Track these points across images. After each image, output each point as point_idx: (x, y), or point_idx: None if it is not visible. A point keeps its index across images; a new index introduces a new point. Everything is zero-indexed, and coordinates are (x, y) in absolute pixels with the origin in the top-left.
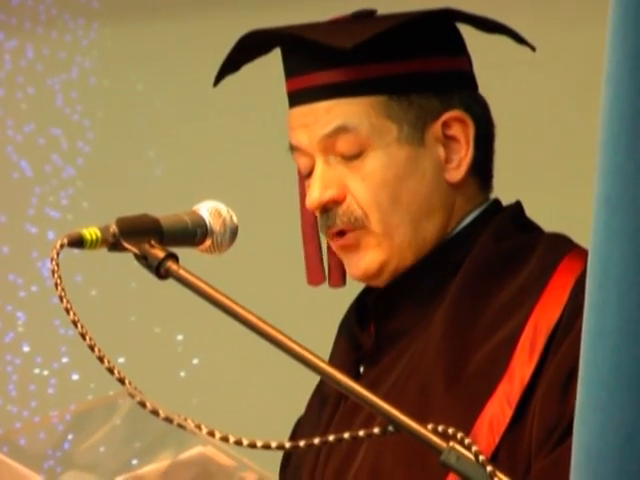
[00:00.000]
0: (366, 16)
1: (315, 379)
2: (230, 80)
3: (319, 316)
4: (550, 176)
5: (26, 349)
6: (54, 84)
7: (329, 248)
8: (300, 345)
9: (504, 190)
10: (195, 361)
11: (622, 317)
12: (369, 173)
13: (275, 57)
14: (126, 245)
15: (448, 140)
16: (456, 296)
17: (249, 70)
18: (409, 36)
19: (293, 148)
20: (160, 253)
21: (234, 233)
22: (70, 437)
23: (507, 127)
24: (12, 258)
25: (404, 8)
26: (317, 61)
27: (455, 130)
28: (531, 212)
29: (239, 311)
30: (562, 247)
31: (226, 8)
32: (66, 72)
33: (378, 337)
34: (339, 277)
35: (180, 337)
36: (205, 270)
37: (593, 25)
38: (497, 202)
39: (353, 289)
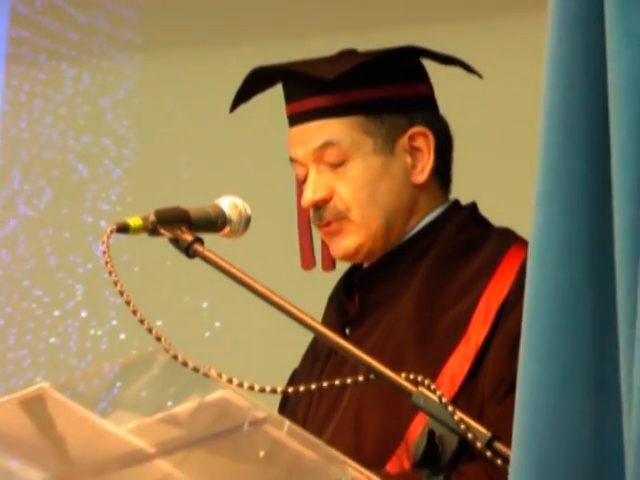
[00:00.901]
0: (348, 53)
1: (308, 337)
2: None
3: (311, 292)
4: (498, 180)
5: (83, 314)
6: (105, 103)
7: (323, 241)
8: (299, 309)
9: (462, 192)
10: (217, 324)
11: (557, 290)
12: (351, 177)
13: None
14: (162, 231)
15: (413, 150)
16: (425, 275)
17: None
18: (380, 68)
19: (292, 160)
20: (189, 237)
21: (248, 222)
22: (118, 384)
23: (462, 137)
24: (72, 242)
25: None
26: (307, 89)
27: (419, 142)
28: (483, 210)
29: (251, 283)
30: (509, 238)
31: (239, 42)
32: (114, 94)
33: (361, 306)
34: (330, 263)
35: (205, 305)
36: (223, 252)
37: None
38: (457, 202)
39: (335, 274)
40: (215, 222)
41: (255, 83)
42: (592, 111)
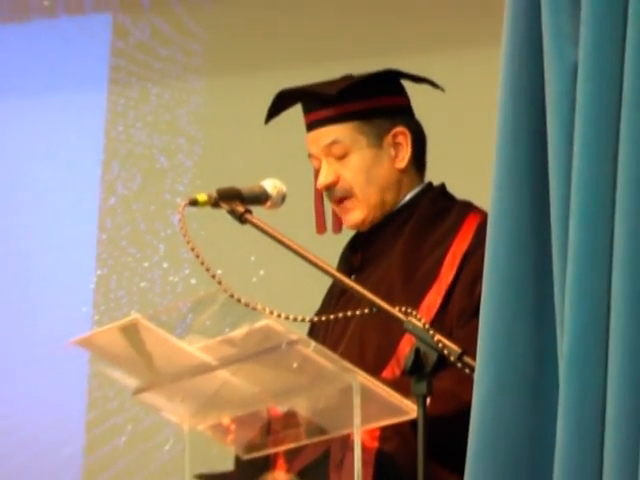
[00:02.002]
0: (346, 77)
1: (327, 282)
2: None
3: (326, 249)
4: (462, 168)
5: (165, 265)
6: (180, 113)
7: (333, 211)
8: (320, 260)
9: (434, 177)
10: (261, 272)
11: (508, 249)
12: (352, 166)
13: None
14: (221, 204)
15: (396, 144)
16: (408, 236)
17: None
18: (369, 86)
19: (309, 155)
20: (241, 209)
21: (283, 198)
22: (190, 316)
23: (433, 136)
24: (157, 214)
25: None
26: (317, 104)
27: (400, 139)
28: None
29: (286, 241)
30: (469, 207)
31: (272, 66)
32: (187, 106)
33: (362, 259)
34: (338, 228)
35: (252, 258)
36: (266, 220)
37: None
38: (430, 183)
39: (341, 237)
40: (260, 198)
41: (281, 101)
42: (533, 122)
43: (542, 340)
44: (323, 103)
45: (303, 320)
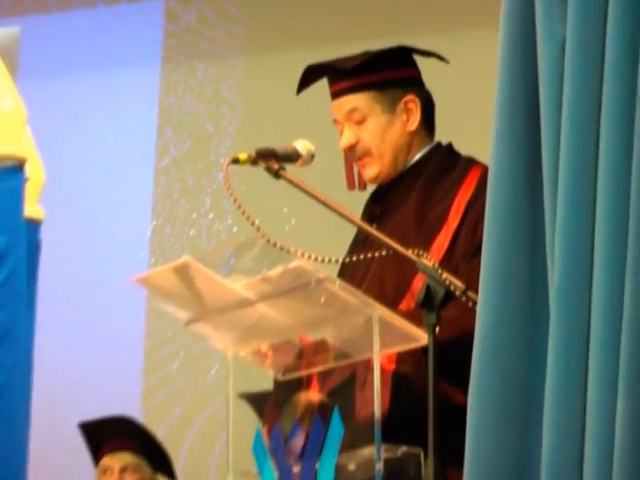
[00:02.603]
0: (365, 53)
1: (352, 231)
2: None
3: (352, 203)
4: (467, 129)
5: (210, 216)
6: (223, 86)
7: (359, 171)
8: (346, 211)
9: (443, 137)
10: (293, 221)
11: (508, 192)
12: (368, 130)
13: None
14: (259, 162)
15: (408, 110)
16: (420, 188)
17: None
18: (384, 60)
19: (334, 121)
20: (276, 166)
21: (312, 157)
22: (233, 258)
23: (444, 102)
24: (204, 172)
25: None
26: (338, 76)
27: (411, 105)
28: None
29: (315, 194)
30: (472, 162)
31: (304, 44)
32: (229, 80)
33: (381, 210)
34: (363, 186)
35: (285, 209)
36: (299, 176)
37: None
38: (439, 143)
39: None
40: (292, 156)
41: (309, 75)
42: (528, 90)
43: (535, 274)
44: (343, 76)
45: (330, 261)
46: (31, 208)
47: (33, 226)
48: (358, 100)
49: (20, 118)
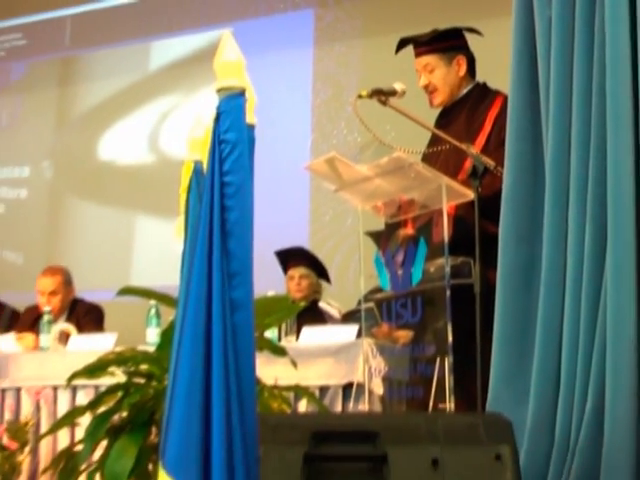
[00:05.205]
0: (434, 31)
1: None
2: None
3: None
4: (494, 75)
5: (344, 131)
6: (356, 60)
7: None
8: (426, 122)
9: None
10: (392, 134)
11: (519, 111)
12: (435, 76)
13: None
14: (373, 96)
15: (459, 64)
16: (466, 109)
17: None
18: (445, 35)
19: (416, 70)
20: (383, 98)
21: (404, 92)
22: (359, 153)
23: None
24: (341, 108)
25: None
26: (418, 44)
27: (460, 61)
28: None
29: (408, 113)
30: (498, 92)
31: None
32: (355, 55)
33: (446, 122)
34: (435, 106)
35: (388, 127)
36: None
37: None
38: (478, 82)
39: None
40: (392, 92)
41: (402, 44)
42: (533, 58)
43: (538, 156)
44: (421, 44)
45: (416, 152)
46: (249, 117)
47: (250, 128)
48: (430, 59)
49: (240, 65)
